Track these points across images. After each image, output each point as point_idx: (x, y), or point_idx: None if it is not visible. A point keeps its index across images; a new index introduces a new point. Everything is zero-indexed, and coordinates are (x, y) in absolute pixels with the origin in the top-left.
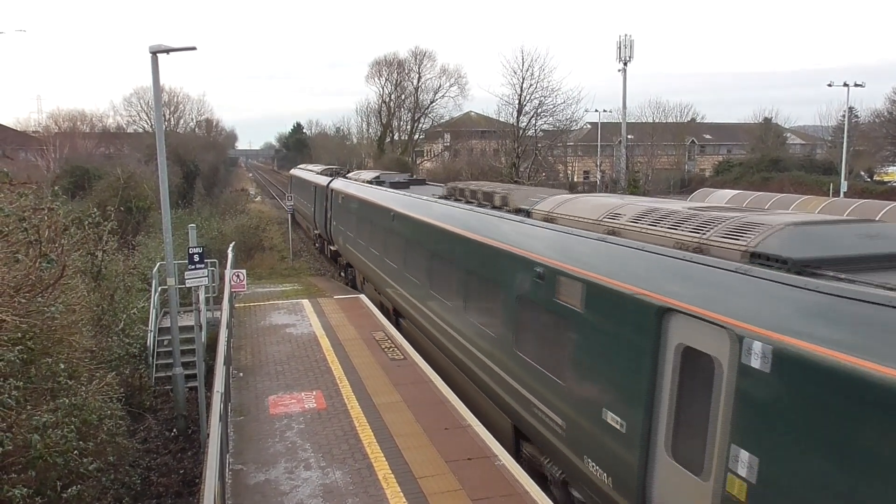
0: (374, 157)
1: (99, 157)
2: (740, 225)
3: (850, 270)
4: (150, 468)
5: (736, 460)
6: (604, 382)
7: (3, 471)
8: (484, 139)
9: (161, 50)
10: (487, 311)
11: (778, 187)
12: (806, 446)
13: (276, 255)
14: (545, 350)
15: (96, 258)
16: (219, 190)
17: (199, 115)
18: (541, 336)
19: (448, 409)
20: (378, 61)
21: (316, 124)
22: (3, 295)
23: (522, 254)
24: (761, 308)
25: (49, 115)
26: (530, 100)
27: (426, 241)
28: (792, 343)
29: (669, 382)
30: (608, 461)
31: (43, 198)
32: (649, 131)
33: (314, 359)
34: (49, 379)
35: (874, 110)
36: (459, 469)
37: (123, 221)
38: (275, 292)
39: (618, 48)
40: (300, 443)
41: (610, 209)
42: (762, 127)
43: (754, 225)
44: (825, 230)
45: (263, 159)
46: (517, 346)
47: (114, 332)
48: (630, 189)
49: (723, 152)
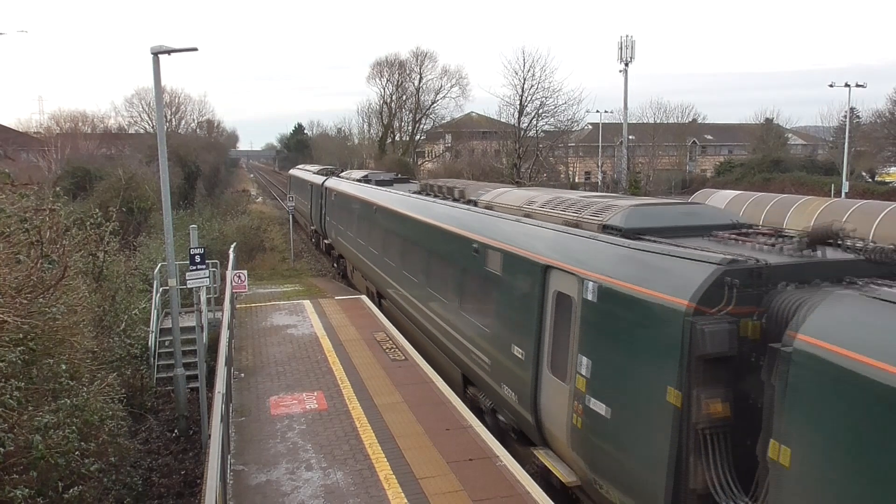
0: (375, 158)
1: (100, 157)
2: (603, 207)
3: (662, 236)
4: (151, 469)
5: (580, 365)
6: (513, 326)
7: (5, 471)
8: (485, 140)
9: (162, 51)
10: (442, 282)
11: (779, 188)
12: (614, 347)
13: (278, 255)
14: (479, 307)
15: (98, 259)
16: (220, 191)
17: (200, 116)
18: (476, 297)
19: (449, 409)
20: (379, 62)
21: (317, 125)
22: (4, 296)
23: (466, 234)
24: (596, 260)
25: (50, 116)
26: (531, 100)
27: (400, 230)
28: (607, 281)
29: (550, 319)
30: (515, 384)
31: (44, 199)
32: (650, 132)
33: (315, 359)
34: (50, 380)
35: (876, 111)
36: (460, 470)
37: (125, 222)
38: (276, 293)
39: (619, 49)
40: (301, 443)
41: (529, 198)
42: (763, 127)
43: (611, 207)
44: (654, 209)
45: (264, 160)
46: (461, 307)
47: (115, 333)
48: (631, 190)
49: (724, 153)
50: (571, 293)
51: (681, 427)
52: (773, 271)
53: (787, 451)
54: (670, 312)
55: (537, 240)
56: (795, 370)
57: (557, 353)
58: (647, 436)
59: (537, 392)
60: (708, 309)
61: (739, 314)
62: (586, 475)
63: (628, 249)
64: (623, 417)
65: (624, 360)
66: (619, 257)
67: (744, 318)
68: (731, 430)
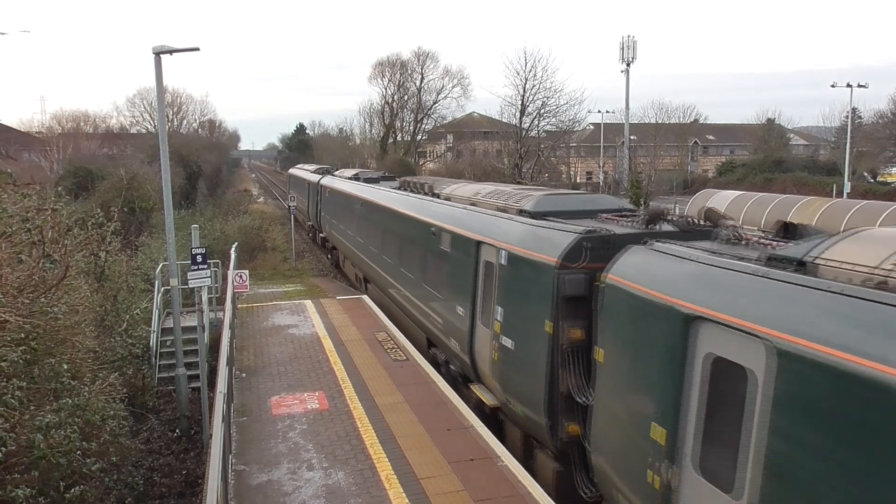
0: (376, 158)
1: (102, 157)
2: (523, 196)
3: (560, 217)
4: (152, 469)
5: (497, 313)
6: (457, 289)
7: (7, 471)
8: (487, 140)
9: (164, 51)
10: (411, 262)
11: (781, 188)
12: (516, 297)
13: (279, 255)
14: (435, 279)
15: (99, 259)
16: (221, 191)
17: (202, 116)
18: (434, 272)
19: (450, 409)
20: (381, 62)
21: (319, 125)
22: (6, 295)
23: (428, 220)
24: (508, 235)
25: (52, 116)
26: (533, 100)
27: (380, 220)
28: (513, 249)
29: (480, 282)
30: (458, 336)
31: (46, 198)
32: (652, 132)
33: (317, 359)
34: (52, 379)
35: (877, 111)
36: (462, 470)
37: (126, 222)
38: (277, 293)
39: (621, 49)
40: (303, 443)
41: (476, 190)
42: (765, 128)
43: (529, 196)
44: (558, 198)
45: (266, 160)
46: (424, 281)
47: (117, 333)
48: (633, 190)
49: (726, 153)
50: (493, 260)
51: (552, 349)
52: (618, 238)
53: (601, 352)
54: (547, 268)
55: (474, 222)
56: (603, 296)
57: (485, 308)
58: (533, 358)
59: (472, 339)
60: (570, 264)
61: (594, 269)
62: (502, 396)
63: (529, 226)
64: (521, 348)
65: (521, 306)
66: (523, 232)
67: (598, 272)
68: (584, 348)
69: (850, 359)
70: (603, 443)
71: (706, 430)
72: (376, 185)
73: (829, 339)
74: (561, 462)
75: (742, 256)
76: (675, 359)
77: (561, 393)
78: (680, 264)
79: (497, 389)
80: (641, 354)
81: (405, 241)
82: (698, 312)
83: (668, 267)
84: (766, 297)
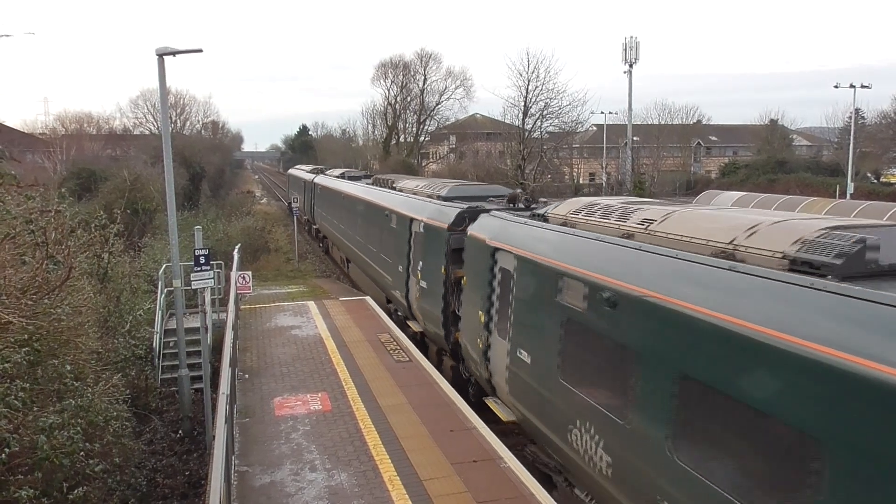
0: (379, 160)
1: (105, 159)
2: (442, 187)
3: (462, 200)
4: (155, 470)
5: (418, 265)
6: (399, 254)
7: (10, 472)
8: (489, 141)
9: (167, 52)
10: (374, 240)
11: (784, 189)
12: (426, 251)
13: (282, 256)
14: (387, 248)
15: (102, 260)
16: (225, 192)
17: (205, 117)
18: (387, 244)
19: (453, 411)
20: (384, 63)
21: (321, 126)
22: (9, 297)
23: (385, 205)
24: (425, 212)
25: (56, 118)
26: (536, 102)
27: (355, 209)
28: (426, 220)
29: (413, 246)
30: (401, 287)
31: (50, 200)
32: (655, 133)
33: (319, 360)
34: (55, 380)
35: (881, 112)
36: (465, 471)
37: (129, 223)
38: (280, 294)
39: (623, 50)
40: (306, 444)
41: (417, 183)
42: (768, 128)
43: (446, 186)
44: (464, 188)
45: (269, 161)
46: (382, 251)
47: (120, 334)
48: (635, 191)
49: (729, 154)
50: (418, 230)
51: (446, 284)
52: (482, 211)
53: (464, 278)
54: (442, 230)
55: (408, 206)
56: (465, 243)
57: (413, 264)
58: (436, 292)
59: (408, 287)
60: (456, 228)
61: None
62: (423, 322)
63: (437, 205)
64: (430, 287)
65: (429, 258)
66: (433, 210)
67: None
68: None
69: (545, 260)
70: (463, 332)
71: (499, 310)
72: (356, 182)
73: (540, 251)
74: (454, 360)
75: (521, 216)
76: (487, 273)
77: (451, 312)
78: (495, 221)
79: (420, 318)
80: (476, 273)
81: (370, 223)
82: (496, 246)
83: (490, 224)
84: (520, 233)
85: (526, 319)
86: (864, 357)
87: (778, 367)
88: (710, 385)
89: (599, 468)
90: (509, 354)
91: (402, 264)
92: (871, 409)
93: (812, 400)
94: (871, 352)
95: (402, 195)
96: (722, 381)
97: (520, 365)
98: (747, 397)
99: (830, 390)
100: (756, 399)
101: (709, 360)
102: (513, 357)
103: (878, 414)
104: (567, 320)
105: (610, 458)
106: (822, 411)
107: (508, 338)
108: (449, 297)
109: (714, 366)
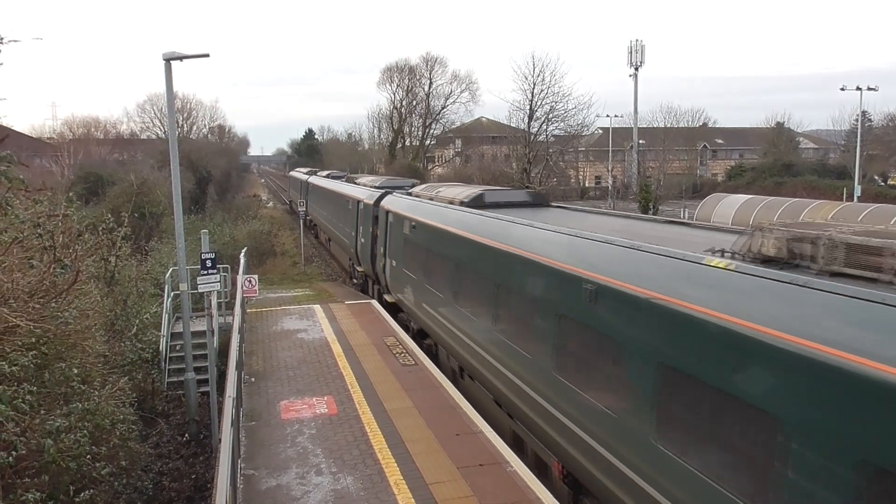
0: (385, 163)
1: (112, 163)
2: (378, 179)
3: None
4: (161, 473)
5: (359, 231)
6: (352, 224)
7: (17, 475)
8: (495, 144)
9: (174, 57)
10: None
11: (790, 192)
12: (364, 222)
13: (288, 260)
14: (347, 223)
15: (110, 264)
16: (231, 195)
17: (211, 122)
18: (346, 219)
19: (459, 414)
20: (390, 67)
21: (328, 130)
22: (17, 300)
23: (346, 193)
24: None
25: (64, 122)
26: (541, 105)
27: (331, 200)
28: (362, 199)
29: (358, 216)
30: (353, 246)
31: (57, 204)
32: (661, 136)
33: (326, 364)
34: (62, 384)
35: (888, 114)
36: (471, 475)
37: (136, 227)
38: (286, 298)
39: (629, 53)
40: (311, 448)
41: (372, 178)
42: (774, 131)
43: (380, 178)
44: (391, 179)
45: (275, 165)
46: (346, 225)
47: (127, 337)
48: (642, 194)
49: (735, 157)
50: (360, 207)
51: (372, 236)
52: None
53: (378, 232)
54: (370, 205)
55: (357, 192)
56: (378, 214)
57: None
58: (367, 242)
59: (356, 244)
60: (377, 204)
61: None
62: (363, 264)
63: (370, 191)
64: (365, 240)
65: (365, 222)
66: (368, 194)
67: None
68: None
69: (400, 212)
70: (378, 264)
71: (387, 244)
72: (336, 180)
73: (399, 208)
74: (378, 284)
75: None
76: (384, 225)
77: (374, 254)
78: (391, 198)
79: (361, 262)
80: (381, 227)
81: (339, 207)
82: (388, 209)
83: (389, 199)
84: (396, 202)
85: (395, 245)
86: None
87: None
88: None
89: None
90: (390, 265)
91: (353, 230)
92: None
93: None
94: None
95: (358, 186)
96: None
97: (394, 270)
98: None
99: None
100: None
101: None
102: (391, 266)
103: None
104: (406, 239)
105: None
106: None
107: (388, 256)
108: (374, 245)
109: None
